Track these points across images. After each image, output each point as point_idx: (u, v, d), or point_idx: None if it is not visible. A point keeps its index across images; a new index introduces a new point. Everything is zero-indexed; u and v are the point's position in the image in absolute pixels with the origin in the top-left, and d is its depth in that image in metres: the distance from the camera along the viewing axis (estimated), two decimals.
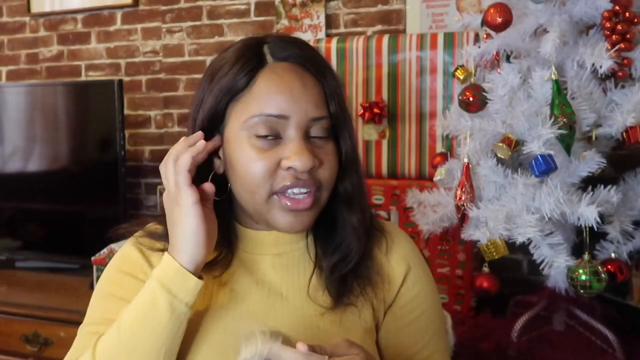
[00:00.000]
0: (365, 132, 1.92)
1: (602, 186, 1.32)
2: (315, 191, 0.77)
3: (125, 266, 0.85)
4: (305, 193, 0.76)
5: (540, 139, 1.24)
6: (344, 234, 0.82)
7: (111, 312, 0.80)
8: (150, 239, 0.85)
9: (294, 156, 0.74)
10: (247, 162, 0.76)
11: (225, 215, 0.85)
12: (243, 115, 0.77)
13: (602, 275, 1.27)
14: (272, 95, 0.76)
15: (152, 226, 0.88)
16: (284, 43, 0.80)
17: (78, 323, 0.86)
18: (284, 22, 2.24)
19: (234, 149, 0.78)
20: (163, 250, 0.81)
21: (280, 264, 0.83)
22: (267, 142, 0.76)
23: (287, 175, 0.75)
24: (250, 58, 0.78)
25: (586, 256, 1.29)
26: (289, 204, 0.76)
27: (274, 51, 0.79)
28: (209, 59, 2.36)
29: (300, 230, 0.79)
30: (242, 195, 0.80)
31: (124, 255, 0.87)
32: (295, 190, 0.76)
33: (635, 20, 1.31)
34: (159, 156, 2.46)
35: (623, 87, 1.35)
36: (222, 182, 0.82)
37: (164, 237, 0.83)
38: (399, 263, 0.85)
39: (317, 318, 0.79)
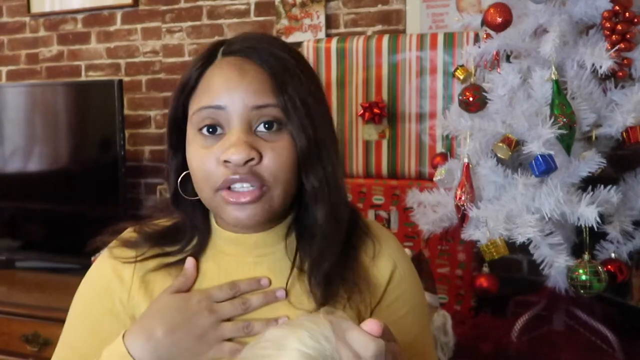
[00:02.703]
0: (365, 132, 1.92)
1: (602, 186, 1.32)
2: (261, 186, 0.73)
3: (96, 286, 0.83)
4: (250, 187, 0.73)
5: (540, 139, 1.24)
6: (314, 234, 0.79)
7: (80, 340, 0.80)
8: (124, 247, 0.83)
9: (229, 149, 0.72)
10: (194, 160, 0.76)
11: (203, 215, 0.83)
12: (190, 111, 0.77)
13: (602, 275, 1.27)
14: (211, 88, 0.75)
15: (128, 233, 0.86)
16: (240, 40, 0.79)
17: None
18: (284, 22, 2.24)
19: (188, 147, 0.78)
20: (135, 259, 0.81)
21: (261, 267, 0.81)
22: (210, 138, 0.75)
23: (226, 170, 0.73)
24: (204, 56, 0.78)
25: (586, 256, 1.29)
26: (231, 199, 0.73)
27: (226, 48, 0.78)
28: None
29: (250, 224, 0.76)
30: (198, 192, 0.78)
31: (95, 272, 0.86)
32: (237, 185, 0.73)
33: (635, 20, 1.31)
34: (159, 156, 2.47)
35: (623, 87, 1.35)
36: None
37: (139, 244, 0.82)
38: (385, 263, 0.84)
39: None
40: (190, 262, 0.80)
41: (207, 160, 0.74)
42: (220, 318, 0.75)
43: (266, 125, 0.74)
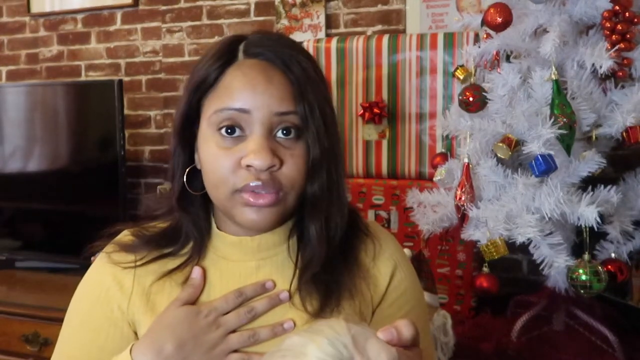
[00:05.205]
0: (365, 132, 1.92)
1: (602, 186, 1.32)
2: (278, 192, 0.75)
3: (94, 293, 0.82)
4: (268, 192, 0.74)
5: (540, 139, 1.24)
6: (308, 240, 0.80)
7: (78, 347, 0.80)
8: (122, 252, 0.82)
9: (252, 154, 0.73)
10: (212, 159, 0.75)
11: (205, 215, 0.83)
12: (209, 110, 0.76)
13: (602, 275, 1.27)
14: (234, 90, 0.75)
15: (125, 237, 0.85)
16: (261, 40, 0.78)
17: None
18: (284, 22, 2.24)
19: (202, 145, 0.77)
20: (135, 263, 0.81)
21: (264, 269, 0.81)
22: (230, 139, 0.75)
23: (247, 174, 0.74)
24: (223, 54, 0.77)
25: (586, 256, 1.29)
26: (251, 199, 0.74)
27: (247, 48, 0.78)
28: None
29: (264, 227, 0.77)
30: (210, 191, 0.78)
31: (93, 278, 0.85)
32: (256, 190, 0.74)
33: (635, 20, 1.31)
34: (159, 156, 2.47)
35: (623, 87, 1.35)
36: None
37: (137, 248, 0.82)
38: (386, 263, 0.84)
39: (302, 325, 0.77)
40: (197, 271, 0.80)
41: (226, 161, 0.74)
42: (227, 331, 0.76)
43: (284, 132, 0.75)
